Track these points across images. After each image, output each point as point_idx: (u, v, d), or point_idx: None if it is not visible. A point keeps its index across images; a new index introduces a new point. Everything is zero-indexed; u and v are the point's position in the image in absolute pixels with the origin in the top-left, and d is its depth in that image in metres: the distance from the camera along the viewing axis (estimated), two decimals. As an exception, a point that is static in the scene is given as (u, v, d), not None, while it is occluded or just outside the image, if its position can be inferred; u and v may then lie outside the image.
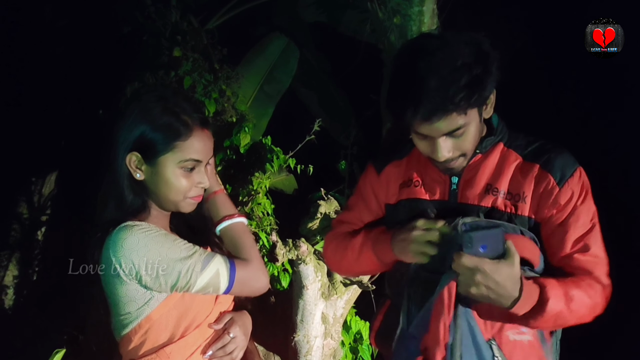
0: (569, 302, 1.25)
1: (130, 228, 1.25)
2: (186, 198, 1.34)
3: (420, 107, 1.24)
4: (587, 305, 1.29)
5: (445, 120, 1.25)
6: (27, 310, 3.99)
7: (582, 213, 1.33)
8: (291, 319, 2.97)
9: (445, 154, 1.31)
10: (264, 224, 3.22)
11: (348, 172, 3.54)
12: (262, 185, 3.30)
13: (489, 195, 1.36)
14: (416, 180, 1.48)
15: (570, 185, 1.33)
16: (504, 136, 1.42)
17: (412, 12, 2.95)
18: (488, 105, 1.35)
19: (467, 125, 1.28)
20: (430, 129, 1.28)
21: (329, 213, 2.96)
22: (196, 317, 1.33)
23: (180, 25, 3.58)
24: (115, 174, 1.32)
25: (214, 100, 3.44)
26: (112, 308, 1.30)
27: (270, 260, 2.90)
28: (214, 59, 3.69)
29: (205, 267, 1.26)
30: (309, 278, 2.80)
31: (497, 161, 1.39)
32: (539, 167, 1.35)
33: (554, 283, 1.26)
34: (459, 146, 1.32)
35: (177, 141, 1.29)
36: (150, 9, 3.54)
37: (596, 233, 1.34)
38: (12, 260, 4.11)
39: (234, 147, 3.47)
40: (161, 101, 1.32)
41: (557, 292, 1.25)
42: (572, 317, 1.28)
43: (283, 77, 4.14)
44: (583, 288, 1.28)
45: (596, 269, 1.31)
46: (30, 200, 4.27)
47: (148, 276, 1.23)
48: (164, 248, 1.25)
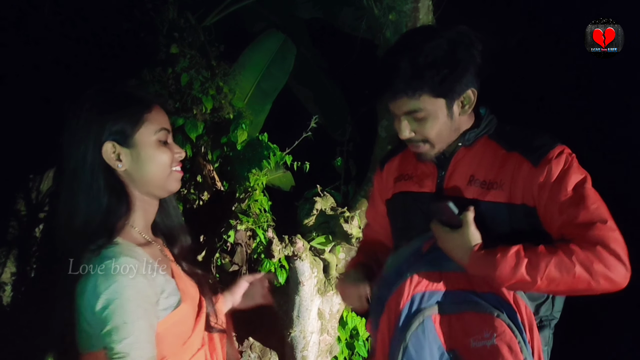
0: (529, 268, 1.25)
1: (107, 275, 1.14)
2: (172, 172, 1.31)
3: (384, 87, 1.40)
4: (568, 269, 1.24)
5: (402, 100, 1.38)
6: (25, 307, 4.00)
7: (565, 181, 1.31)
8: (287, 314, 2.99)
9: (406, 133, 1.42)
10: (261, 220, 3.24)
11: (344, 169, 3.55)
12: (259, 182, 3.31)
13: (471, 187, 1.41)
14: (408, 174, 1.57)
15: (545, 162, 1.33)
16: (490, 129, 1.46)
17: (407, 9, 2.97)
18: (464, 102, 1.41)
19: (426, 111, 1.38)
20: (393, 106, 1.42)
21: (325, 209, 2.97)
22: (171, 351, 1.26)
23: (177, 22, 3.58)
24: (82, 179, 1.24)
25: (211, 97, 3.44)
26: (96, 326, 1.17)
27: (267, 257, 2.91)
28: (211, 56, 3.68)
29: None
30: (305, 274, 2.81)
31: (480, 153, 1.44)
32: (517, 155, 1.38)
33: (514, 250, 1.27)
34: (420, 130, 1.42)
35: (144, 114, 1.27)
36: (148, 6, 3.54)
37: (586, 197, 1.30)
38: (10, 257, 4.11)
39: (230, 144, 3.48)
40: (110, 90, 1.30)
41: (511, 260, 1.26)
42: (544, 283, 1.25)
43: (280, 74, 4.14)
44: (568, 251, 1.25)
45: (591, 231, 1.27)
46: (28, 197, 4.27)
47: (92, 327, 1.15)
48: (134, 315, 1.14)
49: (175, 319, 1.26)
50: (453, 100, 1.39)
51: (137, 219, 1.30)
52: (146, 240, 1.31)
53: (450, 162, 1.46)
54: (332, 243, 2.96)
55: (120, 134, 1.25)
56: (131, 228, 1.28)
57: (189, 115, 3.35)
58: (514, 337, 1.28)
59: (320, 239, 2.92)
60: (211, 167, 3.52)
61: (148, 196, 1.32)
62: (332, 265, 3.01)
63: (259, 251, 3.23)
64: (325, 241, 2.93)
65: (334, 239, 2.94)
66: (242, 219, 3.17)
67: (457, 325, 1.33)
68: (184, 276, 1.37)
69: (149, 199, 1.33)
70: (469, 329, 1.31)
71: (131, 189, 1.29)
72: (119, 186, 1.26)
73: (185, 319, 1.30)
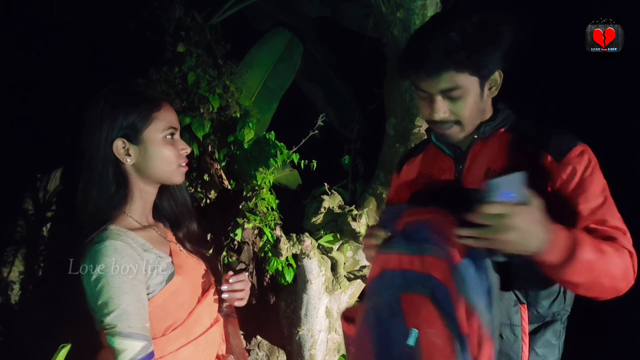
0: (600, 254, 1.21)
1: (96, 257, 1.30)
2: (179, 166, 1.43)
3: (421, 63, 1.35)
4: (619, 265, 1.24)
5: (441, 77, 1.34)
6: (33, 306, 4.01)
7: (592, 184, 1.31)
8: (295, 313, 2.98)
9: (441, 114, 1.39)
10: (268, 219, 3.23)
11: (351, 167, 3.54)
12: (266, 181, 3.31)
13: (488, 179, 1.37)
14: (425, 173, 1.57)
15: (569, 160, 1.32)
16: (507, 122, 1.46)
17: (415, 6, 2.96)
18: (491, 83, 1.40)
19: (463, 89, 1.36)
20: (428, 85, 1.37)
21: (333, 208, 2.96)
22: (177, 319, 1.40)
23: (184, 20, 3.58)
24: (95, 170, 1.38)
25: (218, 96, 3.44)
26: (92, 303, 1.34)
27: (274, 255, 2.90)
28: (218, 54, 3.68)
29: (125, 337, 1.27)
30: (312, 272, 2.80)
31: (497, 146, 1.43)
32: (537, 147, 1.36)
33: (584, 234, 1.24)
34: (454, 110, 1.39)
35: (153, 112, 1.39)
36: (154, 5, 3.55)
37: (611, 205, 1.31)
38: (17, 257, 4.12)
39: (237, 143, 3.47)
40: (123, 89, 1.42)
41: (589, 240, 1.21)
42: (605, 274, 1.23)
43: (287, 72, 4.14)
44: (613, 247, 1.25)
45: (618, 237, 1.28)
46: (36, 196, 4.28)
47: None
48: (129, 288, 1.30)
49: (171, 289, 1.39)
50: (486, 79, 1.39)
51: (133, 208, 1.43)
52: (141, 225, 1.44)
53: (468, 156, 1.46)
54: (339, 241, 2.95)
55: (130, 131, 1.38)
56: (126, 216, 1.41)
57: (196, 114, 3.35)
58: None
59: (328, 237, 2.91)
60: (218, 166, 3.52)
61: (150, 186, 1.45)
62: (339, 263, 3.00)
63: (266, 249, 3.22)
64: (333, 239, 2.92)
65: (341, 237, 2.94)
66: (249, 218, 3.16)
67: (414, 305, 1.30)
68: (183, 255, 1.50)
69: (149, 189, 1.46)
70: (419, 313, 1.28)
71: (134, 180, 1.42)
72: (122, 178, 1.40)
73: (183, 289, 1.42)
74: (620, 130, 3.52)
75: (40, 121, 4.10)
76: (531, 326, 1.37)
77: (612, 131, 3.52)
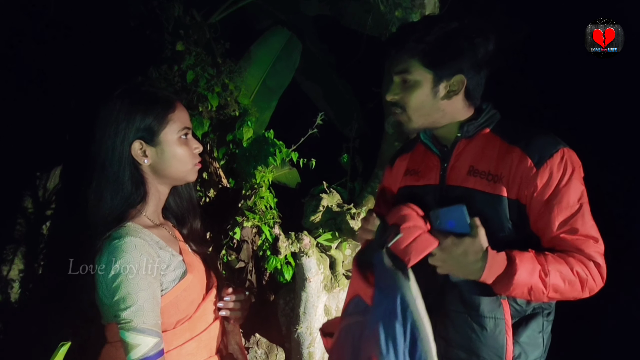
0: (543, 276, 1.29)
1: (115, 253, 1.31)
2: (194, 165, 1.46)
3: (393, 43, 1.48)
4: (571, 281, 1.31)
5: (400, 58, 1.45)
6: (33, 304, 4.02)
7: (566, 194, 1.35)
8: (294, 311, 2.99)
9: (392, 94, 1.49)
10: (267, 217, 3.24)
11: (350, 165, 3.54)
12: (265, 179, 3.32)
13: (471, 177, 1.44)
14: (414, 169, 1.61)
15: (549, 166, 1.36)
16: (491, 122, 1.49)
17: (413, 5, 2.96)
18: (450, 87, 1.45)
19: (413, 78, 1.44)
20: (390, 66, 1.49)
21: (331, 206, 2.97)
22: (186, 314, 1.43)
23: (183, 19, 3.58)
24: (111, 170, 1.39)
25: (217, 94, 3.44)
26: (106, 298, 1.35)
27: (273, 253, 2.92)
28: (217, 53, 3.69)
29: (140, 332, 1.29)
30: (311, 270, 2.81)
31: (481, 145, 1.47)
32: (519, 150, 1.40)
33: (528, 256, 1.31)
34: (403, 96, 1.47)
35: (169, 114, 1.41)
36: (154, 3, 3.55)
37: (584, 214, 1.36)
38: (17, 255, 4.13)
39: (236, 141, 3.48)
40: (137, 90, 1.44)
41: (528, 265, 1.29)
42: (551, 291, 1.31)
43: (286, 71, 4.14)
44: (569, 264, 1.32)
45: (586, 247, 1.34)
46: (35, 194, 4.29)
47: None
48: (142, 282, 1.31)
49: (183, 287, 1.41)
50: (441, 78, 1.44)
51: (148, 207, 1.45)
52: (154, 224, 1.46)
53: (452, 154, 1.50)
54: (338, 239, 2.96)
55: (147, 132, 1.39)
56: (141, 215, 1.43)
57: (195, 113, 3.35)
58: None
59: (326, 235, 2.92)
60: (217, 165, 3.53)
61: (164, 185, 1.48)
62: (338, 261, 3.01)
63: (265, 248, 3.23)
64: (331, 238, 2.93)
65: (340, 235, 2.95)
66: (248, 216, 3.17)
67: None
68: (191, 253, 1.53)
69: (163, 188, 1.48)
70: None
71: (150, 180, 1.44)
72: (140, 178, 1.42)
73: (193, 287, 1.45)
74: (620, 130, 3.52)
75: (39, 120, 4.10)
76: (513, 319, 1.43)
77: (612, 131, 3.53)
